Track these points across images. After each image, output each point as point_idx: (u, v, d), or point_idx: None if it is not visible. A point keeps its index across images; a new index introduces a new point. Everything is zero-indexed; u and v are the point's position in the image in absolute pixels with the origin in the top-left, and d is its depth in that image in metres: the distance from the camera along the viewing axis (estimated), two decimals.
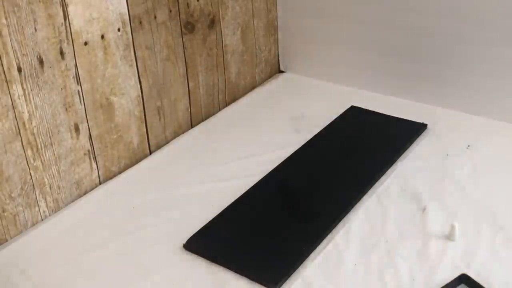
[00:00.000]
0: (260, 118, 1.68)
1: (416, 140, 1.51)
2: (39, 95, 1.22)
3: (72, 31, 1.25)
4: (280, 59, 1.95)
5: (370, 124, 1.61)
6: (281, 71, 1.96)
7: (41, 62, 1.21)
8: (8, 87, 1.16)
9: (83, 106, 1.32)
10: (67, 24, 1.24)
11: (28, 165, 1.24)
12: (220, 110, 1.74)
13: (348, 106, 1.69)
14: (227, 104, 1.77)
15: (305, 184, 1.37)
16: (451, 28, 1.56)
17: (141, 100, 1.47)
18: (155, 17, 1.44)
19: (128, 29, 1.38)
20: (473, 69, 1.57)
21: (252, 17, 1.78)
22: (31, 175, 1.25)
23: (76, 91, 1.30)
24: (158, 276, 1.12)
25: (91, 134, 1.36)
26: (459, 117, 1.60)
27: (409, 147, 1.48)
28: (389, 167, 1.41)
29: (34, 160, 1.25)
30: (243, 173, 1.42)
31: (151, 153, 1.53)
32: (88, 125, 1.35)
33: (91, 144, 1.37)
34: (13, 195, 1.22)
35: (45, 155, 1.27)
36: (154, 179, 1.42)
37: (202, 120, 1.68)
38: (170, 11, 1.48)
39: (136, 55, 1.42)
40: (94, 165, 1.39)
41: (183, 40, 1.55)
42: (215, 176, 1.42)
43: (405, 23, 1.63)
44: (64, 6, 1.22)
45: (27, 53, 1.17)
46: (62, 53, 1.24)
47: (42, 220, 1.29)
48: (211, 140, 1.58)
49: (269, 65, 1.91)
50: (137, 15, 1.39)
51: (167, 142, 1.58)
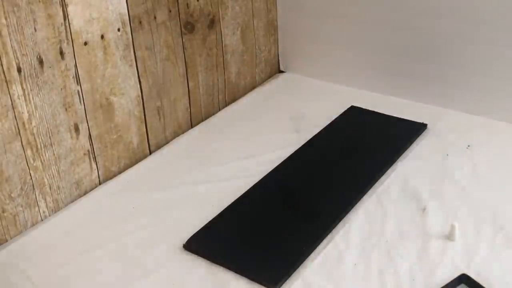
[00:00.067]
0: (260, 118, 1.68)
1: (416, 140, 1.51)
2: (39, 95, 1.22)
3: (72, 31, 1.25)
4: (280, 59, 1.95)
5: (370, 124, 1.61)
6: (281, 71, 1.96)
7: (41, 62, 1.21)
8: (8, 87, 1.16)
9: (83, 106, 1.32)
10: (67, 24, 1.24)
11: (28, 165, 1.24)
12: (220, 110, 1.74)
13: (348, 106, 1.69)
14: (227, 104, 1.77)
15: (305, 184, 1.37)
16: (451, 28, 1.56)
17: (141, 100, 1.47)
18: (155, 17, 1.44)
19: (128, 29, 1.38)
20: (473, 69, 1.57)
21: (252, 17, 1.78)
22: (31, 175, 1.25)
23: (76, 91, 1.30)
24: (158, 276, 1.12)
25: (91, 134, 1.36)
26: (459, 117, 1.60)
27: (409, 147, 1.48)
28: (389, 167, 1.41)
29: (34, 160, 1.25)
30: (243, 173, 1.42)
31: (151, 153, 1.53)
32: (88, 125, 1.35)
33: (91, 144, 1.37)
34: (13, 195, 1.22)
35: (45, 155, 1.27)
36: (154, 179, 1.42)
37: (202, 120, 1.68)
38: (170, 11, 1.48)
39: (136, 55, 1.42)
40: (94, 165, 1.39)
41: (183, 40, 1.55)
42: (215, 176, 1.42)
43: (405, 23, 1.63)
44: (64, 6, 1.22)
45: (26, 53, 1.17)
46: (62, 53, 1.24)
47: (42, 220, 1.29)
48: (211, 140, 1.58)
49: (269, 65, 1.91)
50: (137, 15, 1.39)
51: (167, 142, 1.57)
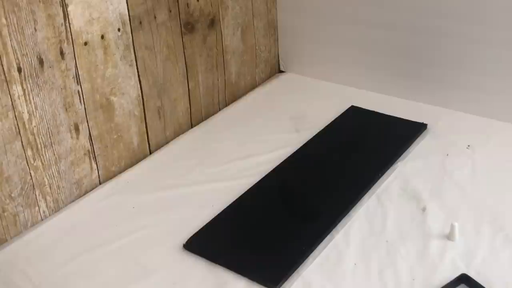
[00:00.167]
0: (260, 118, 1.68)
1: (416, 140, 1.51)
2: (39, 95, 1.22)
3: (72, 31, 1.25)
4: (280, 59, 1.95)
5: (370, 124, 1.61)
6: (281, 71, 1.96)
7: (41, 62, 1.21)
8: (8, 87, 1.16)
9: (83, 106, 1.32)
10: (67, 24, 1.24)
11: (28, 165, 1.24)
12: (220, 110, 1.74)
13: (348, 106, 1.69)
14: (227, 104, 1.77)
15: (305, 184, 1.37)
16: (451, 28, 1.56)
17: (141, 100, 1.47)
18: (155, 17, 1.44)
19: (128, 29, 1.38)
20: (473, 69, 1.57)
21: (252, 17, 1.78)
22: (31, 175, 1.25)
23: (76, 91, 1.30)
24: (158, 276, 1.12)
25: (91, 134, 1.36)
26: (459, 117, 1.60)
27: (409, 147, 1.48)
28: (389, 167, 1.41)
29: (34, 160, 1.25)
30: (243, 173, 1.42)
31: (151, 153, 1.53)
32: (88, 125, 1.35)
33: (91, 144, 1.37)
34: (13, 195, 1.22)
35: (45, 155, 1.27)
36: (154, 179, 1.42)
37: (202, 120, 1.68)
38: (170, 11, 1.48)
39: (136, 55, 1.42)
40: (94, 165, 1.39)
41: (183, 40, 1.55)
42: (215, 176, 1.42)
43: (405, 23, 1.63)
44: (64, 6, 1.22)
45: (27, 53, 1.17)
46: (62, 53, 1.24)
47: (42, 220, 1.29)
48: (211, 140, 1.58)
49: (269, 65, 1.91)
50: (137, 15, 1.39)
51: (167, 142, 1.57)
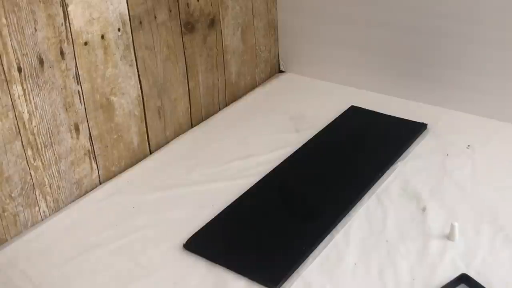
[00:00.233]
0: (260, 118, 1.68)
1: (416, 140, 1.51)
2: (39, 95, 1.22)
3: (72, 31, 1.25)
4: (280, 59, 1.95)
5: (370, 124, 1.61)
6: (281, 71, 1.96)
7: (41, 62, 1.21)
8: (8, 87, 1.16)
9: (83, 106, 1.32)
10: (67, 24, 1.24)
11: (28, 165, 1.24)
12: (220, 110, 1.74)
13: (348, 106, 1.69)
14: (227, 104, 1.77)
15: (305, 184, 1.37)
16: (451, 28, 1.56)
17: (141, 100, 1.47)
18: (155, 17, 1.44)
19: (128, 29, 1.38)
20: (473, 69, 1.57)
21: (252, 17, 1.78)
22: (31, 175, 1.25)
23: (76, 91, 1.30)
24: (158, 276, 1.12)
25: (91, 134, 1.36)
26: (459, 117, 1.60)
27: (409, 147, 1.48)
28: (389, 167, 1.41)
29: (34, 160, 1.25)
30: (243, 173, 1.42)
31: (151, 153, 1.53)
32: (88, 125, 1.35)
33: (91, 144, 1.37)
34: (13, 195, 1.22)
35: (45, 155, 1.27)
36: (154, 179, 1.42)
37: (202, 120, 1.68)
38: (170, 11, 1.48)
39: (136, 55, 1.42)
40: (94, 165, 1.39)
41: (183, 40, 1.55)
42: (215, 176, 1.42)
43: (405, 23, 1.63)
44: (64, 6, 1.22)
45: (27, 53, 1.17)
46: (62, 53, 1.24)
47: (42, 220, 1.29)
48: (211, 140, 1.58)
49: (269, 65, 1.91)
50: (137, 15, 1.39)
51: (167, 142, 1.57)
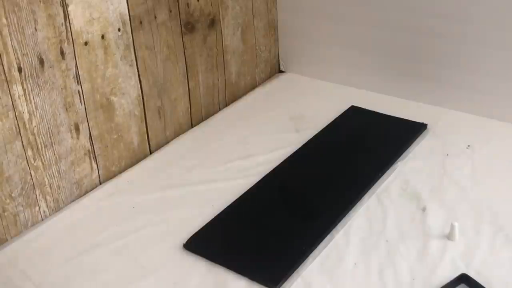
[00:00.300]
0: (260, 118, 1.68)
1: (416, 140, 1.51)
2: (40, 95, 1.22)
3: (73, 31, 1.25)
4: (280, 59, 1.95)
5: (370, 124, 1.61)
6: (281, 71, 1.96)
7: (41, 62, 1.21)
8: (9, 87, 1.16)
9: (83, 106, 1.32)
10: (68, 24, 1.24)
11: (28, 165, 1.24)
12: (220, 110, 1.74)
13: (348, 106, 1.69)
14: (227, 104, 1.77)
15: (305, 184, 1.37)
16: (451, 28, 1.56)
17: (141, 100, 1.47)
18: (155, 17, 1.44)
19: (128, 29, 1.38)
20: (473, 69, 1.57)
21: (252, 17, 1.78)
22: (31, 175, 1.25)
23: (77, 91, 1.30)
24: (158, 276, 1.12)
25: (91, 134, 1.36)
26: (459, 117, 1.60)
27: (409, 147, 1.48)
28: (389, 167, 1.41)
29: (35, 160, 1.25)
30: (243, 173, 1.42)
31: (151, 153, 1.53)
32: (89, 125, 1.35)
33: (91, 144, 1.37)
34: (13, 195, 1.22)
35: (46, 155, 1.27)
36: (154, 179, 1.42)
37: (202, 120, 1.68)
38: (170, 11, 1.48)
39: (136, 55, 1.42)
40: (94, 165, 1.39)
41: (183, 40, 1.55)
42: (215, 176, 1.42)
43: (405, 23, 1.63)
44: (64, 6, 1.22)
45: (27, 53, 1.17)
46: (62, 53, 1.24)
47: (42, 220, 1.29)
48: (211, 140, 1.58)
49: (269, 65, 1.91)
50: (137, 15, 1.39)
51: (167, 142, 1.57)
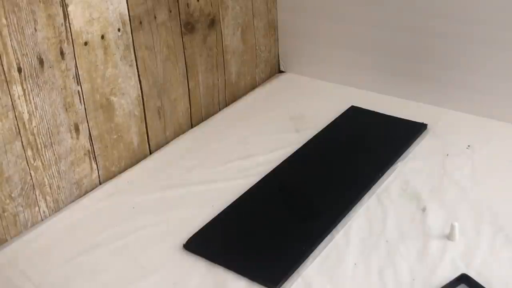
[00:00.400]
0: (260, 118, 1.68)
1: (416, 140, 1.51)
2: (39, 95, 1.22)
3: (72, 31, 1.25)
4: (280, 59, 1.95)
5: (370, 124, 1.61)
6: (281, 71, 1.96)
7: (41, 62, 1.21)
8: (8, 87, 1.16)
9: (83, 106, 1.32)
10: (67, 24, 1.24)
11: (28, 165, 1.24)
12: (220, 110, 1.74)
13: (348, 106, 1.69)
14: (227, 104, 1.77)
15: (305, 184, 1.37)
16: (451, 28, 1.56)
17: (141, 100, 1.47)
18: (155, 17, 1.44)
19: (128, 29, 1.38)
20: (473, 69, 1.57)
21: (252, 17, 1.78)
22: (31, 175, 1.25)
23: (76, 91, 1.30)
24: (158, 276, 1.12)
25: (91, 134, 1.36)
26: (459, 117, 1.60)
27: (409, 147, 1.48)
28: (389, 167, 1.41)
29: (34, 160, 1.25)
30: (243, 173, 1.42)
31: (151, 153, 1.53)
32: (88, 125, 1.35)
33: (91, 144, 1.37)
34: (13, 195, 1.22)
35: (45, 155, 1.27)
36: (154, 179, 1.42)
37: (202, 120, 1.68)
38: (170, 11, 1.48)
39: (136, 55, 1.42)
40: (94, 165, 1.39)
41: (183, 40, 1.55)
42: (215, 176, 1.42)
43: (405, 23, 1.63)
44: (64, 6, 1.22)
45: (27, 53, 1.17)
46: (62, 53, 1.24)
47: (42, 220, 1.29)
48: (211, 140, 1.58)
49: (269, 65, 1.91)
50: (137, 15, 1.39)
51: (167, 142, 1.57)
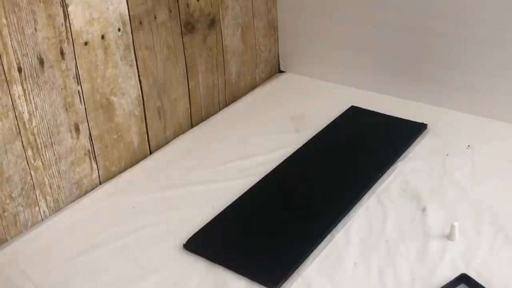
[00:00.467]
0: (260, 118, 1.68)
1: (416, 140, 1.51)
2: (40, 95, 1.22)
3: (73, 31, 1.25)
4: (280, 59, 1.95)
5: (370, 124, 1.61)
6: (281, 71, 1.96)
7: (41, 62, 1.21)
8: (9, 87, 1.16)
9: (83, 106, 1.32)
10: (67, 24, 1.24)
11: (28, 165, 1.24)
12: (220, 110, 1.74)
13: (348, 106, 1.69)
14: (227, 104, 1.77)
15: (305, 184, 1.37)
16: (451, 28, 1.56)
17: (141, 100, 1.47)
18: (155, 17, 1.44)
19: (128, 29, 1.38)
20: (473, 69, 1.57)
21: (252, 17, 1.78)
22: (31, 175, 1.25)
23: (76, 91, 1.30)
24: (158, 276, 1.12)
25: (91, 134, 1.36)
26: (459, 117, 1.60)
27: (409, 147, 1.48)
28: (389, 167, 1.41)
29: (35, 160, 1.25)
30: (243, 173, 1.42)
31: (151, 153, 1.53)
32: (88, 125, 1.35)
33: (91, 144, 1.37)
34: (13, 195, 1.22)
35: (45, 155, 1.27)
36: (154, 179, 1.42)
37: (202, 120, 1.68)
38: (170, 11, 1.48)
39: (136, 55, 1.42)
40: (94, 165, 1.39)
41: (183, 40, 1.55)
42: (215, 176, 1.42)
43: (405, 23, 1.63)
44: (64, 6, 1.22)
45: (27, 53, 1.17)
46: (62, 53, 1.25)
47: (42, 220, 1.29)
48: (211, 140, 1.58)
49: (269, 65, 1.91)
50: (137, 15, 1.39)
51: (167, 142, 1.57)
